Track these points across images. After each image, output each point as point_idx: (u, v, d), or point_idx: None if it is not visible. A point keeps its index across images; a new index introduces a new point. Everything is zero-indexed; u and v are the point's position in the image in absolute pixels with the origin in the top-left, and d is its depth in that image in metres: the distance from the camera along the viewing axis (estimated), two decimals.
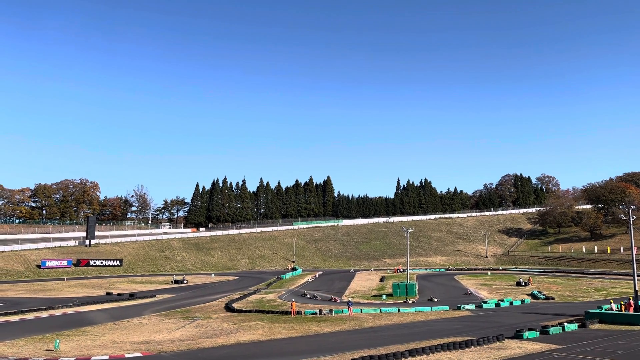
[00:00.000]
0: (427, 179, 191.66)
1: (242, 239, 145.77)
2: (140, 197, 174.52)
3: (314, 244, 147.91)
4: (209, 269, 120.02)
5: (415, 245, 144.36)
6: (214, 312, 52.45)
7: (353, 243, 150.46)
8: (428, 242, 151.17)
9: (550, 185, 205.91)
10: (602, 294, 64.70)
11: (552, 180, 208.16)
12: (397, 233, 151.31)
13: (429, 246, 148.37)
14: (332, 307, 53.33)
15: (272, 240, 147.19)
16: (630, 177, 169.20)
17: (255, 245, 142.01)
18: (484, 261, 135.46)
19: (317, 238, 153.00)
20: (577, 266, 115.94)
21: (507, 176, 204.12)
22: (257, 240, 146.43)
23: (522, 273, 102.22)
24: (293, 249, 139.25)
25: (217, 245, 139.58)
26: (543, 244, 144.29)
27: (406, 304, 58.50)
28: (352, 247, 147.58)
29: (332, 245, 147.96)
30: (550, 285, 77.16)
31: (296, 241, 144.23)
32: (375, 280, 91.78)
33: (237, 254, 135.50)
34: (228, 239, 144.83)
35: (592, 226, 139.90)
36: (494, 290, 73.50)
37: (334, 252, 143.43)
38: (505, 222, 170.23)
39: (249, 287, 79.76)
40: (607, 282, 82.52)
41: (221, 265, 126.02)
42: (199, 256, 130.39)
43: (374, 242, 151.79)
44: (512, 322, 42.41)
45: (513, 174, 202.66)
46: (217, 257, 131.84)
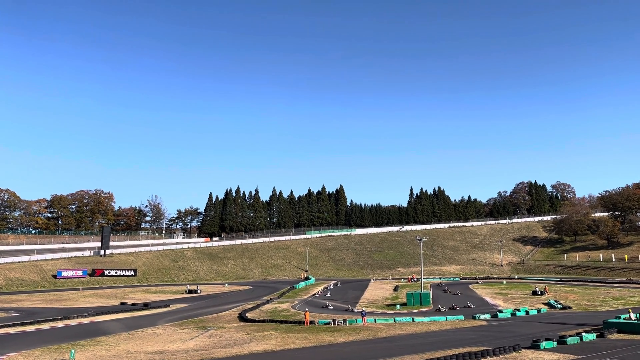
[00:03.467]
0: (441, 187, 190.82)
1: (255, 249, 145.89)
2: (154, 207, 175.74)
3: (327, 253, 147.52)
4: (222, 279, 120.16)
5: (429, 254, 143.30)
6: (227, 322, 52.43)
7: (366, 252, 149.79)
8: (442, 251, 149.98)
9: (565, 192, 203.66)
10: (621, 303, 63.54)
11: (567, 188, 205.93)
12: (411, 242, 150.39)
13: (443, 255, 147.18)
14: (345, 317, 53.02)
15: (285, 250, 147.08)
16: None
17: (268, 255, 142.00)
18: (499, 270, 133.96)
19: (330, 247, 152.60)
20: (594, 275, 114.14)
21: (522, 184, 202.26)
22: (270, 249, 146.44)
23: (538, 282, 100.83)
24: (306, 258, 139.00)
25: (231, 254, 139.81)
26: (559, 253, 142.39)
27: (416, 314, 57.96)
28: (366, 256, 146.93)
29: (345, 255, 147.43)
30: (567, 295, 76.00)
31: (309, 250, 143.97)
32: (389, 290, 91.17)
33: (250, 263, 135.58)
34: (241, 249, 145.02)
35: (609, 234, 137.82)
36: (510, 300, 72.57)
37: (347, 261, 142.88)
38: (520, 231, 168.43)
39: (262, 297, 79.64)
40: (625, 290, 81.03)
41: (234, 275, 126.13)
42: (213, 266, 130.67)
43: (388, 251, 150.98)
44: (529, 331, 41.79)
45: (527, 182, 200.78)
46: (231, 267, 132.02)
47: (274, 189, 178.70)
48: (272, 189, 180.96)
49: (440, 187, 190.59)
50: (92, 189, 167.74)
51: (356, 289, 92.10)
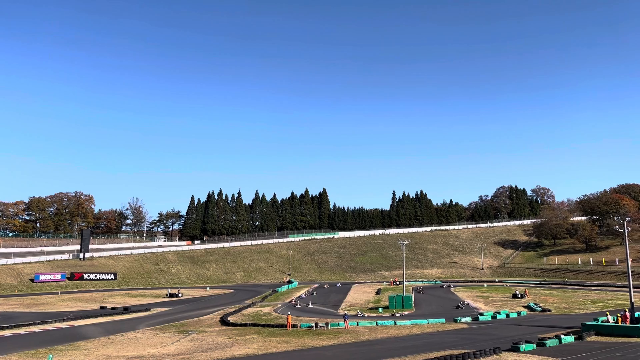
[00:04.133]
0: (423, 191, 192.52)
1: (237, 252, 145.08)
2: (135, 210, 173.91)
3: (309, 257, 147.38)
4: (204, 282, 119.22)
5: (411, 258, 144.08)
6: (209, 326, 51.99)
7: (349, 255, 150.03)
8: (424, 254, 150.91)
9: (545, 197, 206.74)
10: (599, 306, 64.59)
11: (547, 192, 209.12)
12: (393, 245, 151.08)
13: (425, 258, 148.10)
14: (328, 320, 52.96)
15: (268, 253, 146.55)
16: (624, 189, 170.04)
17: (250, 258, 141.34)
18: (480, 273, 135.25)
19: (313, 250, 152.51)
20: (573, 278, 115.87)
21: (502, 188, 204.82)
22: (253, 253, 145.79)
23: (518, 285, 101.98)
24: (289, 261, 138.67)
25: (213, 258, 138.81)
26: (539, 256, 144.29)
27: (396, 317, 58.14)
28: (348, 259, 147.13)
29: (328, 258, 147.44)
30: (546, 297, 76.98)
31: (292, 254, 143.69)
32: (371, 293, 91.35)
33: (232, 267, 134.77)
34: (223, 252, 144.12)
35: (587, 238, 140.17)
36: (490, 303, 73.25)
37: (330, 264, 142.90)
38: (501, 234, 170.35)
39: (244, 301, 79.20)
40: (603, 293, 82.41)
41: (216, 279, 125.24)
42: (194, 269, 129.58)
43: (370, 254, 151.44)
44: (509, 334, 42.22)
45: (508, 186, 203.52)
46: (213, 270, 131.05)
47: (257, 192, 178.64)
48: (255, 192, 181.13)
49: (422, 191, 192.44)
50: (71, 192, 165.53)
51: (339, 293, 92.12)
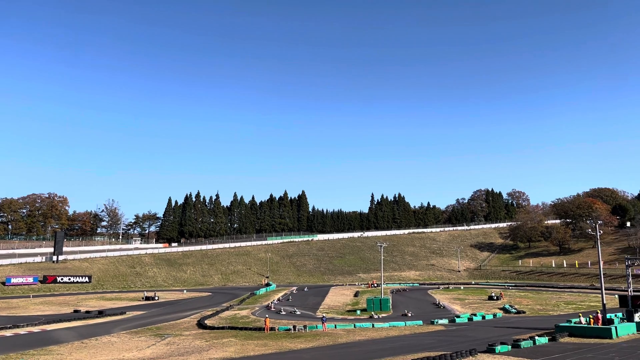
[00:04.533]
0: (401, 194, 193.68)
1: (215, 255, 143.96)
2: (111, 211, 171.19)
3: (288, 259, 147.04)
4: (181, 285, 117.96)
5: (389, 260, 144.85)
6: (185, 329, 51.45)
7: (327, 258, 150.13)
8: (402, 257, 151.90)
9: (520, 200, 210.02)
10: (571, 308, 65.87)
11: (522, 196, 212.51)
12: (372, 248, 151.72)
13: (403, 261, 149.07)
14: (306, 323, 52.92)
15: (246, 256, 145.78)
16: (597, 193, 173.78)
17: (228, 261, 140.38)
18: (456, 275, 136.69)
19: (292, 253, 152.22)
20: (547, 280, 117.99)
21: (479, 191, 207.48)
22: (231, 255, 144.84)
23: (494, 287, 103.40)
24: (267, 264, 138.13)
25: (190, 260, 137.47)
26: (514, 258, 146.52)
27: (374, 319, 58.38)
28: (327, 262, 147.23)
29: (306, 261, 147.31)
30: (521, 299, 78.19)
31: (270, 256, 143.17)
32: (349, 296, 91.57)
33: (210, 269, 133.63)
34: (201, 255, 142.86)
35: (561, 241, 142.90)
36: (467, 305, 74.10)
37: (308, 267, 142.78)
38: (477, 237, 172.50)
39: (221, 303, 78.64)
40: (575, 295, 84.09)
41: (194, 281, 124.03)
42: (171, 272, 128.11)
43: (349, 257, 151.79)
44: (485, 336, 42.74)
45: (484, 189, 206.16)
46: (190, 273, 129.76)
47: (235, 194, 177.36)
48: (234, 194, 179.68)
49: (400, 194, 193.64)
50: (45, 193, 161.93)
51: (317, 295, 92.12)
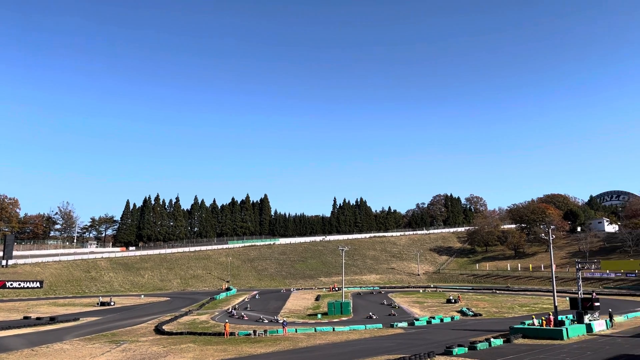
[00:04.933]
0: (363, 198, 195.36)
1: (174, 259, 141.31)
2: (65, 214, 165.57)
3: (249, 263, 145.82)
4: (138, 290, 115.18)
5: (351, 264, 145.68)
6: (142, 335, 50.19)
7: (289, 262, 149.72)
8: (363, 261, 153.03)
9: (478, 205, 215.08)
10: (525, 310, 67.81)
11: (480, 201, 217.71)
12: (333, 251, 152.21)
13: (364, 264, 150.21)
14: (266, 328, 52.53)
15: (206, 260, 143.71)
16: (550, 199, 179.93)
17: (188, 265, 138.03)
18: (416, 279, 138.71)
19: (253, 257, 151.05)
20: (502, 283, 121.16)
21: (438, 196, 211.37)
22: (191, 259, 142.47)
23: (452, 290, 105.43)
24: (228, 268, 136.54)
25: (148, 265, 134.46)
26: (472, 262, 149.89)
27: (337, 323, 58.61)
28: (289, 266, 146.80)
29: (268, 265, 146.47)
30: (478, 302, 79.98)
31: (231, 260, 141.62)
32: (310, 300, 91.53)
33: (168, 274, 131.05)
34: (159, 259, 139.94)
35: (516, 245, 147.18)
36: (426, 308, 75.25)
37: (269, 271, 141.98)
38: (437, 241, 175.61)
39: (180, 308, 77.17)
40: (529, 298, 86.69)
41: (152, 286, 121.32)
42: (128, 276, 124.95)
43: (310, 260, 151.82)
44: (443, 338, 43.46)
45: (444, 194, 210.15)
46: (148, 278, 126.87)
47: (196, 197, 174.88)
48: (194, 197, 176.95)
49: (362, 198, 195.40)
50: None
51: (278, 299, 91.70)
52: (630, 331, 44.34)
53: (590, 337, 41.49)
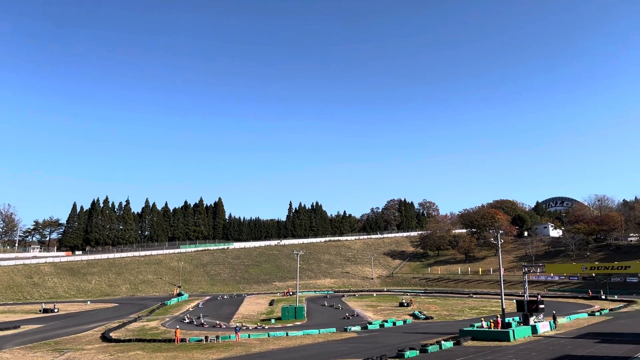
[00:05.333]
0: (319, 203, 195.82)
1: (123, 263, 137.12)
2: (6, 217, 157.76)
3: (202, 268, 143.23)
4: (84, 296, 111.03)
5: (306, 268, 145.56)
6: (88, 343, 48.31)
7: (243, 266, 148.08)
8: (318, 265, 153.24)
9: (431, 210, 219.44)
10: (475, 313, 69.61)
11: (432, 206, 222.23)
12: (288, 256, 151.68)
13: (319, 269, 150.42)
14: (219, 333, 51.64)
15: (157, 265, 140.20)
16: (499, 204, 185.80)
17: (138, 270, 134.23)
18: (370, 283, 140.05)
19: (206, 262, 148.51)
20: (453, 287, 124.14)
21: (392, 201, 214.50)
22: (141, 264, 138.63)
23: (404, 294, 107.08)
24: (179, 273, 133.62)
25: (95, 270, 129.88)
26: (424, 266, 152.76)
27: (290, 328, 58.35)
28: (242, 270, 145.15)
29: (221, 269, 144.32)
30: (429, 306, 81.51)
31: (183, 265, 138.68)
32: (264, 304, 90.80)
33: (117, 279, 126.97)
34: (108, 263, 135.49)
35: (467, 249, 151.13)
36: (379, 312, 76.02)
37: (223, 276, 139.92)
38: (390, 245, 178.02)
39: (129, 315, 74.89)
40: (479, 301, 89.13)
41: (99, 292, 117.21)
42: (74, 282, 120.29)
43: (265, 265, 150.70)
44: (395, 342, 43.94)
45: (398, 199, 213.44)
46: (95, 283, 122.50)
47: (147, 200, 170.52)
48: (145, 200, 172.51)
49: (318, 202, 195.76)
50: None
51: (231, 304, 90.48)
52: (572, 332, 46.19)
53: (535, 338, 42.96)
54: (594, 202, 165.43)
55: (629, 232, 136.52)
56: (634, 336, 41.44)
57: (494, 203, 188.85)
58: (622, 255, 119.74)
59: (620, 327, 49.14)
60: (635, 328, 47.59)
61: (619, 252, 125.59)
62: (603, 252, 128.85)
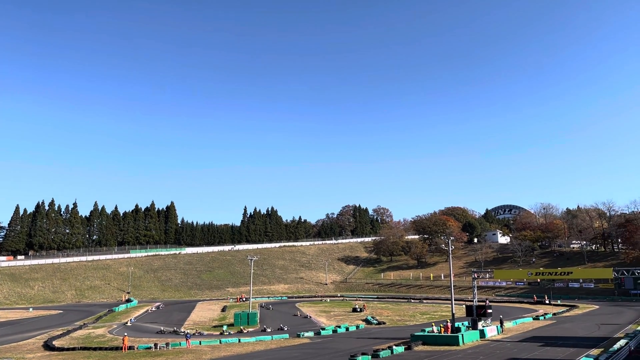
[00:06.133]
0: (274, 208, 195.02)
1: (69, 269, 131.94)
2: None
3: (152, 274, 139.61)
4: (26, 303, 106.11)
5: (260, 274, 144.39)
6: (29, 352, 46.11)
7: (195, 272, 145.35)
8: (272, 270, 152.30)
9: (384, 216, 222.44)
10: (426, 318, 70.87)
11: (386, 212, 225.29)
12: (242, 261, 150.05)
13: (273, 274, 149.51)
14: (169, 340, 50.40)
15: (105, 270, 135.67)
16: (450, 211, 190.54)
17: (84, 275, 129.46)
18: (324, 288, 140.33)
19: (157, 267, 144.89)
20: (405, 292, 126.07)
21: (347, 207, 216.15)
22: (88, 269, 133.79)
23: (358, 299, 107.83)
24: (129, 279, 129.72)
25: (38, 275, 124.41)
26: (377, 272, 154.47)
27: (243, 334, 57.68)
28: (195, 276, 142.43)
29: (172, 275, 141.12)
30: (382, 311, 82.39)
31: (133, 270, 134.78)
32: (216, 311, 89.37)
33: (62, 285, 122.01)
34: (52, 269, 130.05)
35: (419, 255, 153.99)
36: (332, 317, 76.21)
37: (174, 281, 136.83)
38: (345, 251, 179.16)
39: (74, 322, 72.07)
40: (430, 306, 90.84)
41: (42, 298, 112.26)
42: (15, 288, 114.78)
43: (218, 270, 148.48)
44: (348, 347, 44.11)
45: (352, 205, 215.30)
46: (38, 289, 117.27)
47: (96, 203, 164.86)
48: (94, 203, 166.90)
49: (273, 207, 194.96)
50: None
51: (182, 311, 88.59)
52: (518, 336, 47.74)
53: (483, 342, 44.14)
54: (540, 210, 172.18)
55: (572, 239, 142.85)
56: (575, 340, 43.26)
57: (445, 210, 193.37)
58: (565, 262, 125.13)
59: (563, 330, 51.18)
60: (577, 332, 49.69)
61: (562, 258, 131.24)
62: (547, 258, 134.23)
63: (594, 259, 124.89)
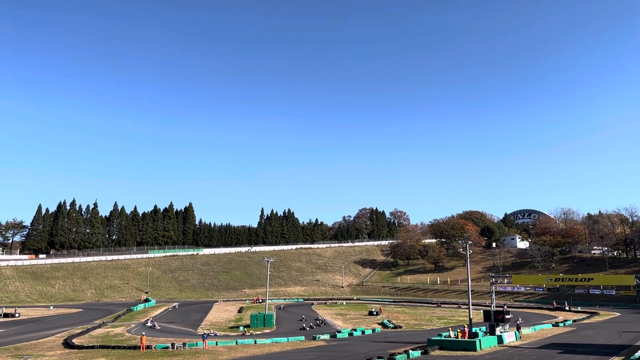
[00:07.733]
0: (291, 210, 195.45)
1: (89, 268, 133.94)
2: None
3: (170, 274, 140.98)
4: (47, 301, 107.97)
5: (276, 275, 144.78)
6: (49, 349, 46.92)
7: (213, 273, 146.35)
8: (288, 272, 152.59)
9: (401, 219, 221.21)
10: (443, 322, 70.32)
11: (403, 215, 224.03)
12: (259, 263, 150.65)
13: (289, 276, 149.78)
14: (186, 340, 50.84)
15: (124, 269, 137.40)
16: (468, 215, 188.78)
17: (104, 275, 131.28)
18: (340, 291, 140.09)
19: (175, 267, 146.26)
20: (422, 296, 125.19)
21: (364, 209, 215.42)
22: (107, 269, 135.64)
23: (374, 303, 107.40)
24: (147, 278, 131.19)
25: (60, 274, 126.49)
26: (394, 275, 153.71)
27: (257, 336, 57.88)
28: (212, 277, 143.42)
29: (190, 275, 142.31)
30: (398, 315, 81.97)
31: (151, 270, 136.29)
32: (233, 312, 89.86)
33: (82, 283, 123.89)
34: (73, 267, 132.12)
35: (436, 259, 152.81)
36: (348, 320, 76.06)
37: (191, 282, 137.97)
38: (361, 254, 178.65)
39: (93, 321, 73.14)
40: (447, 310, 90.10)
41: (63, 297, 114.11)
42: (37, 286, 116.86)
43: (235, 271, 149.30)
44: (364, 350, 43.99)
45: (369, 208, 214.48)
46: (59, 288, 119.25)
47: (116, 203, 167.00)
48: (114, 203, 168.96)
49: (290, 209, 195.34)
50: None
51: (199, 311, 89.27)
52: (536, 342, 47.07)
53: (500, 348, 43.62)
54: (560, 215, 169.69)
55: (593, 245, 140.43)
56: (596, 347, 42.48)
57: (463, 214, 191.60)
58: (585, 268, 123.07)
59: (583, 338, 50.30)
60: (597, 339, 48.80)
61: (583, 264, 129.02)
62: (568, 264, 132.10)
63: (616, 265, 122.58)
